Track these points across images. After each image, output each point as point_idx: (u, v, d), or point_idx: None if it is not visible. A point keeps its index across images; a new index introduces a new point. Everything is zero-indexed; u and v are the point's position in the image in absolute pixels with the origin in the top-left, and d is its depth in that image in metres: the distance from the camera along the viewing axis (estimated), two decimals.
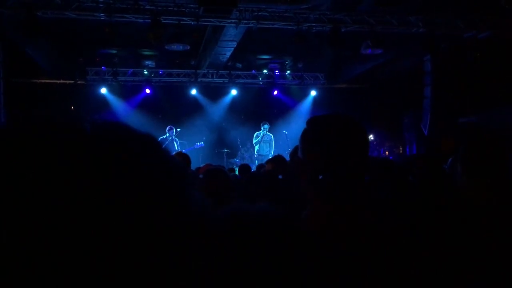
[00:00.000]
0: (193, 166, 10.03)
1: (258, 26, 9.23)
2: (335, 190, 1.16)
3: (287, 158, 5.06)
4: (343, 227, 1.11)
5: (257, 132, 12.26)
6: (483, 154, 1.52)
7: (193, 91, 14.37)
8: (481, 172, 1.50)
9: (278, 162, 3.82)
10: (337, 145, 1.17)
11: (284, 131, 12.50)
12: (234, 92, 14.60)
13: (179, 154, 4.50)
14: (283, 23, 9.36)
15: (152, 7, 8.53)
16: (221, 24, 9.32)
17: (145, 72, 13.74)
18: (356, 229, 1.09)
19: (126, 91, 14.08)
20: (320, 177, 1.15)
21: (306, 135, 1.24)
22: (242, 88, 14.68)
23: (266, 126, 12.12)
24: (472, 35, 10.10)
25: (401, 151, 13.75)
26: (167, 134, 11.46)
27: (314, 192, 1.20)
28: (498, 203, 1.38)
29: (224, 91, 14.74)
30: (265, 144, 12.15)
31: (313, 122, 1.25)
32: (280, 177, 3.02)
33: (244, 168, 5.64)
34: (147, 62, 13.81)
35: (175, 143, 11.50)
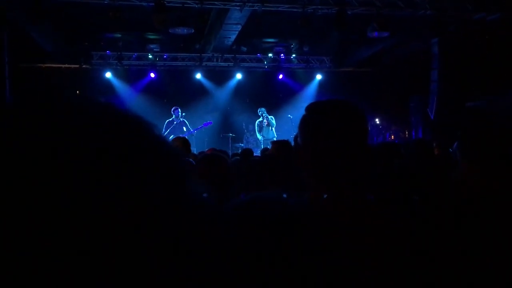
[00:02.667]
0: (198, 149, 10.08)
1: (263, 8, 9.13)
2: (335, 176, 1.15)
3: (292, 142, 5.04)
4: (342, 213, 1.10)
5: (257, 120, 12.22)
6: (482, 140, 1.50)
7: (198, 75, 14.32)
8: (480, 157, 1.48)
9: (282, 145, 3.79)
10: (336, 131, 1.16)
11: (289, 115, 12.49)
12: (239, 76, 14.53)
13: (175, 138, 4.49)
14: (288, 6, 9.25)
15: None
16: (226, 7, 9.23)
17: (150, 56, 13.69)
18: (356, 214, 1.08)
19: (131, 75, 14.07)
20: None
21: (305, 121, 1.23)
22: (247, 72, 14.60)
23: (262, 109, 12.09)
24: (481, 17, 9.94)
25: (407, 135, 13.68)
26: (173, 116, 11.40)
27: (314, 178, 1.19)
28: (498, 189, 1.36)
29: (229, 75, 14.67)
30: (268, 127, 12.13)
31: (312, 108, 1.24)
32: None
33: (246, 152, 5.62)
34: (152, 46, 13.75)
35: (183, 126, 11.39)
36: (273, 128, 12.21)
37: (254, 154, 6.25)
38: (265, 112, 12.15)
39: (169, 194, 0.45)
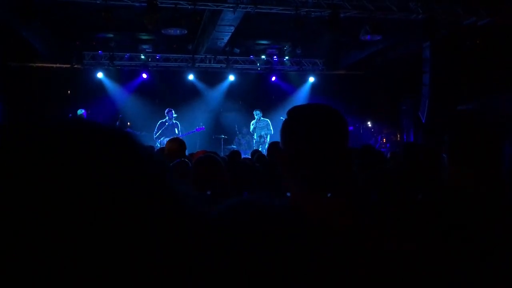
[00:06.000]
0: (190, 151, 10.05)
1: (256, 10, 9.13)
2: (315, 181, 1.14)
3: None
4: (323, 217, 1.09)
5: (252, 121, 12.51)
6: (469, 143, 1.50)
7: (190, 76, 14.29)
8: (467, 161, 1.48)
9: (272, 149, 3.80)
10: (315, 135, 1.16)
11: (281, 117, 12.50)
12: (231, 77, 14.52)
13: (172, 140, 4.45)
14: (281, 8, 9.26)
15: None
16: (218, 8, 9.22)
17: (142, 57, 13.65)
18: (337, 219, 1.08)
19: (123, 76, 14.00)
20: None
21: (285, 126, 1.23)
22: (239, 73, 14.61)
23: (257, 112, 12.33)
24: (471, 21, 10.03)
25: (398, 139, 13.75)
26: (166, 117, 11.48)
27: (294, 183, 1.18)
28: (486, 193, 1.36)
29: (222, 77, 14.66)
30: (262, 130, 12.33)
31: (292, 113, 1.24)
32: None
33: (232, 154, 5.61)
34: (144, 47, 13.70)
35: (175, 128, 11.49)
36: (268, 129, 12.38)
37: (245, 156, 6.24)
38: (260, 115, 12.38)
39: (148, 194, 0.44)
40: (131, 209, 0.42)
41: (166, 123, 11.46)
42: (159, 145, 10.72)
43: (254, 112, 12.51)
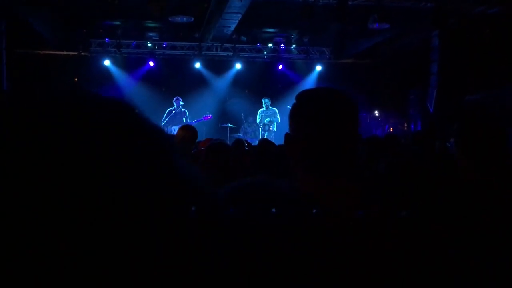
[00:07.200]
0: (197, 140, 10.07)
1: None
2: (323, 165, 1.14)
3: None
4: (330, 202, 1.08)
5: (260, 110, 12.52)
6: (478, 134, 1.49)
7: (197, 65, 14.25)
8: (476, 152, 1.47)
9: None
10: (325, 119, 1.14)
11: (288, 106, 12.47)
12: (238, 66, 14.46)
13: (185, 127, 4.37)
14: None
15: None
16: None
17: (149, 45, 13.62)
18: (344, 204, 1.07)
19: (129, 64, 13.99)
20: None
21: (294, 109, 1.22)
22: (246, 62, 14.54)
23: (265, 100, 12.33)
24: (482, 10, 9.89)
25: (405, 128, 13.68)
26: (174, 106, 11.61)
27: (302, 167, 1.18)
28: (496, 185, 1.35)
29: (228, 65, 14.60)
30: (267, 118, 12.36)
31: (301, 97, 1.23)
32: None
33: (238, 142, 5.57)
34: (151, 34, 13.66)
35: (183, 116, 11.61)
36: (275, 117, 12.40)
37: (253, 144, 6.21)
38: (269, 104, 12.40)
39: (156, 166, 0.44)
40: (136, 185, 0.41)
41: (173, 111, 11.60)
42: None
43: (263, 100, 12.47)
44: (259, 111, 12.58)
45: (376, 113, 14.92)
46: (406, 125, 13.83)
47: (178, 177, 0.46)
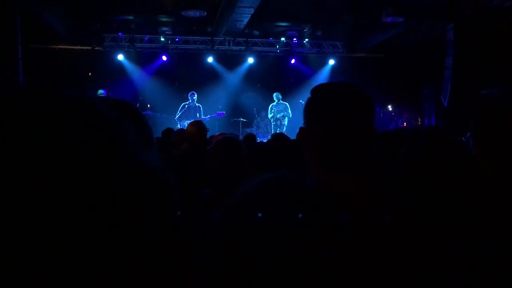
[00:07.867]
0: (209, 134, 10.08)
1: None
2: (337, 158, 1.13)
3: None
4: (344, 196, 1.08)
5: (271, 104, 12.51)
6: (494, 128, 1.47)
7: (210, 59, 14.25)
8: (493, 146, 1.45)
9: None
10: (341, 114, 1.14)
11: (300, 101, 12.43)
12: (250, 60, 14.42)
13: (192, 123, 4.39)
14: None
15: None
16: None
17: (162, 39, 13.65)
18: (359, 198, 1.07)
19: (142, 58, 14.04)
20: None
21: (309, 104, 1.22)
22: (259, 56, 14.49)
23: (276, 94, 12.33)
24: (498, 3, 9.73)
25: (419, 123, 13.55)
26: (189, 100, 11.68)
27: (316, 161, 1.17)
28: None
29: (241, 59, 14.58)
30: (280, 113, 12.34)
31: (317, 91, 1.22)
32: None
33: (248, 137, 5.57)
34: (164, 29, 13.69)
35: (197, 112, 11.67)
36: (286, 111, 12.39)
37: (265, 139, 6.21)
38: (280, 99, 12.40)
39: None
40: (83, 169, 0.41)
41: (186, 106, 11.67)
42: (179, 127, 10.90)
43: (274, 95, 12.47)
44: (271, 105, 12.58)
45: (389, 107, 14.80)
46: (419, 119, 13.70)
47: (132, 169, 0.46)
